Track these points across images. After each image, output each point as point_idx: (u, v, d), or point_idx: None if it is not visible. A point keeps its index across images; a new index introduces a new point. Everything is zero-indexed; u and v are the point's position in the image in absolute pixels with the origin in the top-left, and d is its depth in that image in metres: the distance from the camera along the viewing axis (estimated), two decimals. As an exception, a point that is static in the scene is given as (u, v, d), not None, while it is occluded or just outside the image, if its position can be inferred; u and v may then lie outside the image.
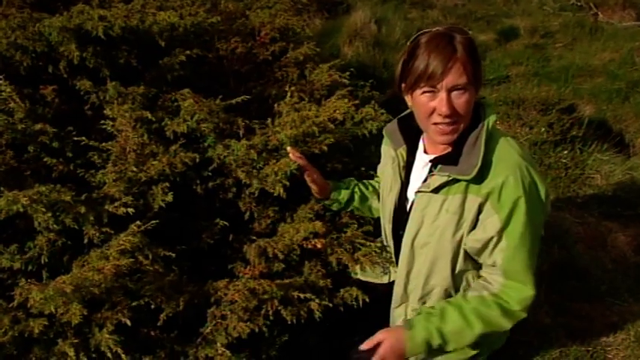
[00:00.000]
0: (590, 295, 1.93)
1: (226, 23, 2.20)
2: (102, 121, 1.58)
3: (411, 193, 1.38)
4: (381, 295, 1.53)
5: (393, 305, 1.48)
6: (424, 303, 1.38)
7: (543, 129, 2.64)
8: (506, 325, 1.27)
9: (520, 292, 1.23)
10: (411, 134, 1.38)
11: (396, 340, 1.26)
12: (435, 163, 1.28)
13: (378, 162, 1.93)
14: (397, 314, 1.47)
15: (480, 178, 1.19)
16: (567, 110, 2.95)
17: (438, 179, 1.23)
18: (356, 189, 1.62)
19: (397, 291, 1.41)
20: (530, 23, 4.96)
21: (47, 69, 1.68)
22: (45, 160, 1.48)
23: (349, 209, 1.62)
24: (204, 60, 1.99)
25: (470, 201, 1.22)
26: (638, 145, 3.43)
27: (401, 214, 1.41)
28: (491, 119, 1.22)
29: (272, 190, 1.46)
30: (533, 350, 1.69)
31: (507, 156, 1.20)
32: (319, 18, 3.83)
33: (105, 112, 1.57)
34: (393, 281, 1.47)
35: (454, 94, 1.15)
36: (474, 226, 1.24)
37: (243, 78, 2.16)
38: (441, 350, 1.30)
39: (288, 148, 1.50)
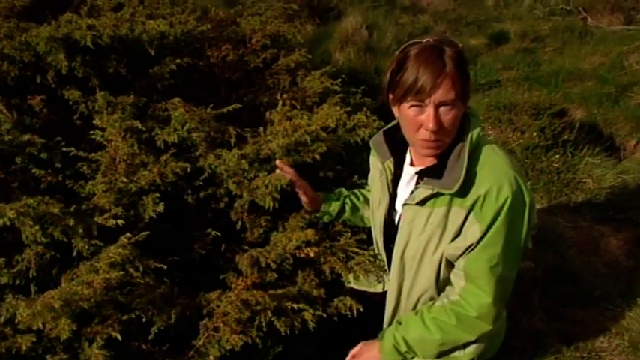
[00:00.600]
0: (584, 299, 1.93)
1: (217, 31, 2.19)
2: (91, 131, 1.56)
3: (399, 206, 1.36)
4: (375, 304, 1.52)
5: (386, 317, 1.47)
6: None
7: (535, 134, 2.65)
8: (463, 335, 1.27)
9: (477, 298, 1.20)
10: (397, 146, 1.36)
11: (369, 352, 1.40)
12: (421, 175, 1.28)
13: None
14: (388, 325, 1.46)
15: (464, 190, 1.17)
16: (558, 114, 2.97)
17: (422, 192, 1.22)
18: (347, 200, 1.60)
19: (390, 301, 1.41)
20: (521, 27, 4.98)
21: (35, 79, 1.66)
22: (33, 171, 1.46)
23: (340, 221, 1.61)
24: (194, 68, 1.98)
25: (454, 213, 1.20)
26: (628, 148, 3.45)
27: (390, 227, 1.40)
28: (475, 132, 1.20)
29: (262, 203, 1.45)
30: (527, 356, 1.68)
31: (493, 166, 1.18)
32: (310, 24, 3.83)
33: (94, 122, 1.55)
34: (387, 290, 1.46)
35: (442, 109, 1.13)
36: (456, 236, 1.23)
37: (234, 86, 2.15)
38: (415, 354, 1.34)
39: (277, 162, 1.49)
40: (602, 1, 5.56)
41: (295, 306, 1.37)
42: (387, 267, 1.49)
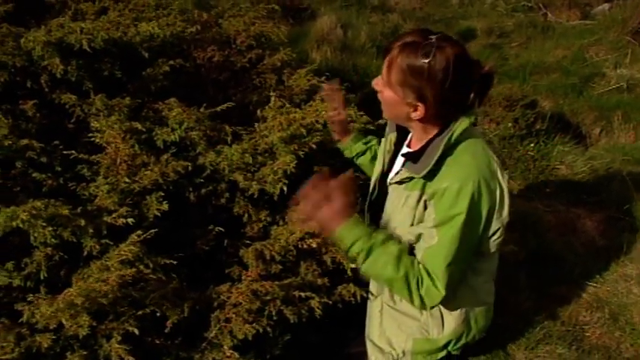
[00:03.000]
0: (566, 278, 2.04)
1: (201, 32, 2.22)
2: (89, 134, 1.57)
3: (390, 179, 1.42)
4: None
5: (370, 298, 1.50)
6: (393, 296, 1.41)
7: (510, 124, 2.77)
8: (413, 295, 1.22)
9: (432, 287, 1.21)
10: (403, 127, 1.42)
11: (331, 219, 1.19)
12: (406, 157, 1.33)
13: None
14: (374, 306, 1.49)
15: (431, 178, 1.22)
16: (530, 105, 3.10)
17: (403, 173, 1.28)
18: (370, 146, 1.63)
19: (373, 283, 1.45)
20: (486, 24, 5.15)
21: (25, 84, 1.66)
22: (34, 175, 1.46)
23: (357, 161, 1.63)
24: (181, 69, 2.00)
25: (423, 198, 1.26)
26: (594, 136, 3.63)
27: (378, 197, 1.45)
28: (460, 125, 1.24)
29: (272, 190, 1.49)
30: (518, 333, 1.77)
31: (462, 165, 1.21)
32: (284, 24, 3.85)
33: (92, 124, 1.56)
34: None
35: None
36: (420, 221, 1.28)
37: (221, 86, 2.18)
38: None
39: (325, 85, 1.52)
40: (560, -3, 5.80)
41: (303, 294, 1.42)
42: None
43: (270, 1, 3.64)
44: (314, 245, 1.54)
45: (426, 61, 1.12)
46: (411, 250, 1.31)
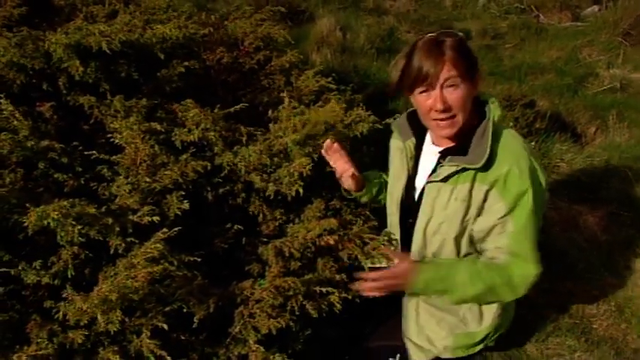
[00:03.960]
0: (571, 273, 2.09)
1: (209, 34, 2.24)
2: (108, 135, 1.59)
3: (419, 183, 1.47)
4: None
5: (404, 297, 1.56)
6: None
7: (511, 123, 2.83)
8: (506, 294, 1.35)
9: (524, 269, 1.33)
10: (418, 128, 1.48)
11: (400, 276, 1.36)
12: (444, 154, 1.39)
13: (371, 162, 2.02)
14: (410, 305, 1.55)
15: (487, 167, 1.29)
16: (529, 105, 3.16)
17: (447, 169, 1.33)
18: (383, 180, 1.69)
19: None
20: (480, 26, 5.21)
21: (41, 86, 1.68)
22: (55, 176, 1.48)
23: (378, 199, 1.68)
24: (191, 71, 2.02)
25: (477, 189, 1.32)
26: (589, 134, 3.70)
27: (408, 203, 1.50)
28: (496, 114, 1.33)
29: (288, 192, 1.52)
30: (528, 327, 1.81)
31: (512, 147, 1.31)
32: (282, 27, 3.88)
33: (111, 125, 1.58)
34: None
35: (447, 90, 1.26)
36: (480, 213, 1.35)
37: (230, 87, 2.21)
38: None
39: (327, 142, 1.56)
40: (551, -1, 5.90)
41: (323, 290, 1.45)
42: (399, 244, 1.58)
43: (269, 3, 3.68)
44: (331, 242, 1.57)
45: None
46: (459, 246, 1.37)
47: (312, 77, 2.22)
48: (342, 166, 1.56)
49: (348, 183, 1.59)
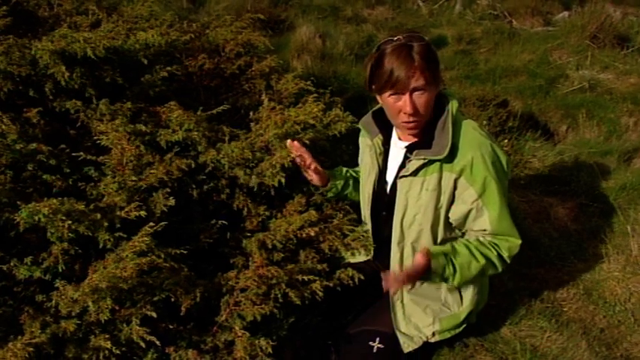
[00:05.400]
0: (543, 260, 2.19)
1: (191, 41, 2.32)
2: (94, 137, 1.66)
3: (389, 177, 1.56)
4: (371, 274, 1.69)
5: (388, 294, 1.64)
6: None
7: (485, 122, 2.94)
8: (499, 266, 1.47)
9: (510, 242, 1.45)
10: (384, 126, 1.57)
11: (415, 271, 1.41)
12: (410, 149, 1.48)
13: (350, 159, 2.11)
14: (395, 298, 1.61)
15: (451, 157, 1.39)
16: (502, 105, 3.29)
17: (415, 163, 1.42)
18: (349, 175, 1.78)
19: (392, 266, 1.57)
20: (456, 32, 5.37)
21: (27, 92, 1.73)
22: (44, 177, 1.53)
23: (344, 194, 1.77)
24: (174, 76, 2.09)
25: (445, 178, 1.41)
26: (561, 133, 3.84)
27: (381, 196, 1.59)
28: (454, 106, 1.43)
29: (272, 183, 1.59)
30: (502, 311, 1.90)
31: (472, 136, 1.41)
32: (263, 35, 3.99)
33: (97, 127, 1.65)
34: (377, 260, 1.65)
35: (415, 94, 1.36)
36: (452, 200, 1.44)
37: (213, 91, 2.28)
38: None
39: (288, 142, 1.63)
40: (523, 5, 6.09)
41: (305, 278, 1.52)
42: (371, 235, 1.67)
43: (250, 12, 3.76)
44: (312, 234, 1.65)
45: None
46: (435, 233, 1.47)
47: (291, 80, 2.30)
48: (305, 161, 1.63)
49: (311, 177, 1.68)
